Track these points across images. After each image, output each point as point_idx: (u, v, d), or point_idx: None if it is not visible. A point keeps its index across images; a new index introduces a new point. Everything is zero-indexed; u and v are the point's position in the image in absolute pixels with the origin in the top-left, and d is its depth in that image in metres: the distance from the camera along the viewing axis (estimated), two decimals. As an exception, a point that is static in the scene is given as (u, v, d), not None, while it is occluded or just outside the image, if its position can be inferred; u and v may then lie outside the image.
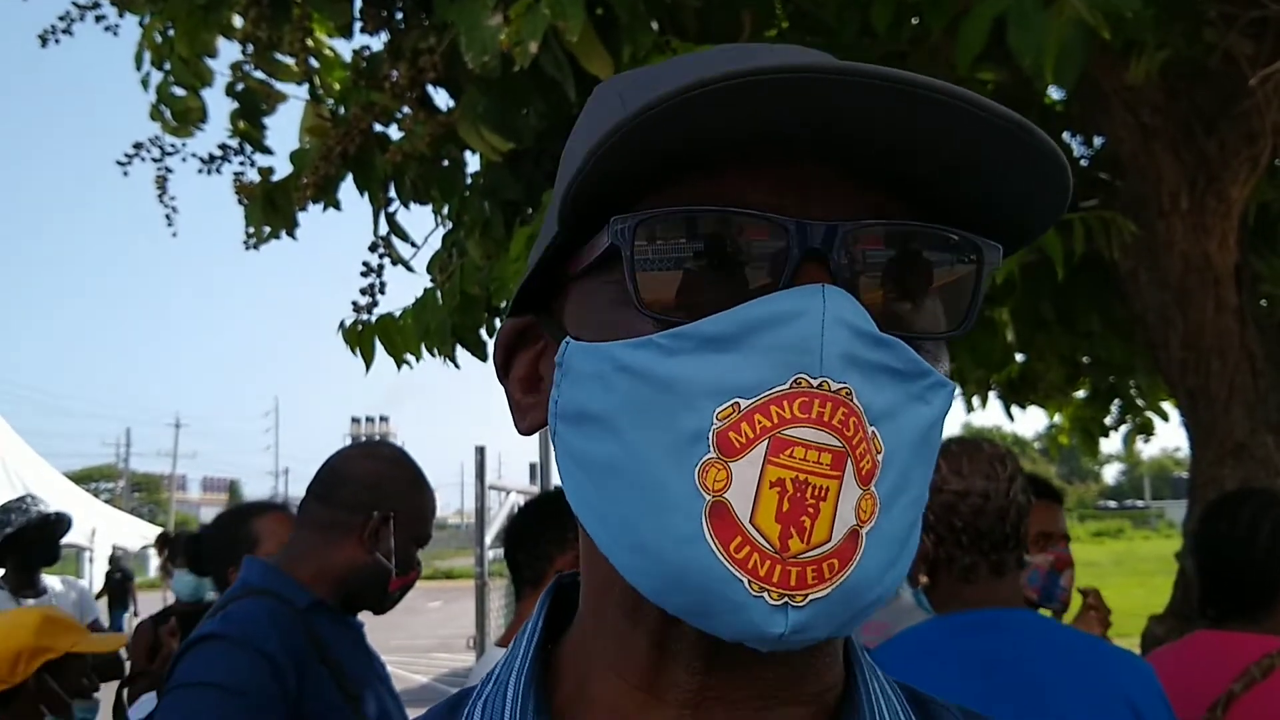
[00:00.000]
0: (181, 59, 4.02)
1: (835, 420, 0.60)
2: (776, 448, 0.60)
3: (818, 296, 0.61)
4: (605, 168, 0.64)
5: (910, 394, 0.65)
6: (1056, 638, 2.15)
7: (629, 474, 0.64)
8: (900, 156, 0.64)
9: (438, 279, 4.16)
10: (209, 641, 2.20)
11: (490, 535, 7.09)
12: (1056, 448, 8.03)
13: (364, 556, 2.44)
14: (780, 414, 0.60)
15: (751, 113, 0.60)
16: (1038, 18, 2.42)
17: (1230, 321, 4.08)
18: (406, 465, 2.58)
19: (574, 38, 2.54)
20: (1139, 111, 3.95)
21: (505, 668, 0.77)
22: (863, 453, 0.61)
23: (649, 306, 0.65)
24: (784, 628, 0.59)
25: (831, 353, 0.60)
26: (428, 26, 3.47)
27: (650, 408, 0.63)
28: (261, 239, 4.26)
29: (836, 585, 0.60)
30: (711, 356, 0.62)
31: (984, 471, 2.18)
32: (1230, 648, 2.48)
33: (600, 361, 0.67)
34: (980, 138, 0.61)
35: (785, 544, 0.59)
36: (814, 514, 0.59)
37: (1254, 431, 4.06)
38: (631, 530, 0.64)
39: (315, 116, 4.02)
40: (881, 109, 0.59)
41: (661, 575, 0.62)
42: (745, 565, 0.59)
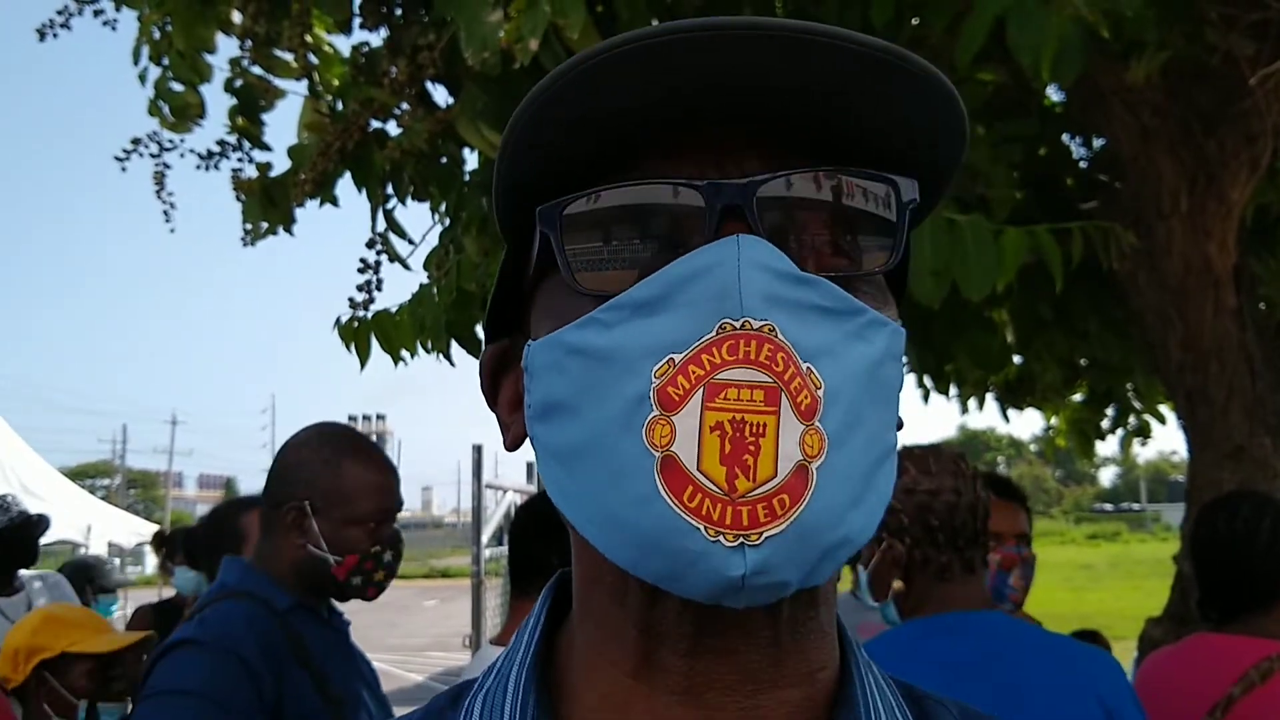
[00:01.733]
0: (180, 54, 4.01)
1: (762, 357, 0.62)
2: (711, 393, 0.61)
3: (732, 245, 0.63)
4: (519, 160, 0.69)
5: (846, 331, 0.66)
6: (1026, 638, 2.17)
7: (591, 450, 0.66)
8: (797, 107, 0.67)
9: (434, 276, 4.15)
10: (185, 647, 2.17)
11: (487, 534, 7.09)
12: (1053, 450, 8.03)
13: (299, 550, 2.39)
14: (710, 360, 0.62)
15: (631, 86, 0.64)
16: (1038, 16, 2.42)
17: (1229, 323, 4.08)
18: (322, 445, 2.48)
19: (574, 34, 2.53)
20: (1139, 113, 3.94)
21: (507, 661, 0.77)
22: (798, 387, 0.62)
23: (585, 285, 0.68)
24: (744, 568, 0.60)
25: (750, 293, 0.62)
26: (427, 23, 3.46)
27: (599, 382, 0.66)
28: (259, 235, 4.26)
29: (791, 520, 0.61)
30: (645, 321, 0.64)
31: (951, 470, 2.25)
32: (1229, 651, 2.48)
33: (553, 350, 0.69)
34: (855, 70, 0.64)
35: (732, 485, 0.60)
36: (755, 451, 0.61)
37: (1252, 434, 4.06)
38: (600, 504, 0.66)
39: (314, 112, 4.01)
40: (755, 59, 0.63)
41: (631, 542, 0.64)
42: (699, 512, 0.60)
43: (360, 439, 2.57)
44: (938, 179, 0.74)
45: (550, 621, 0.80)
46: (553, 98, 0.65)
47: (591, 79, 0.64)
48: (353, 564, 2.41)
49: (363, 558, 2.42)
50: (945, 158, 0.73)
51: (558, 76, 0.64)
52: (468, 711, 0.76)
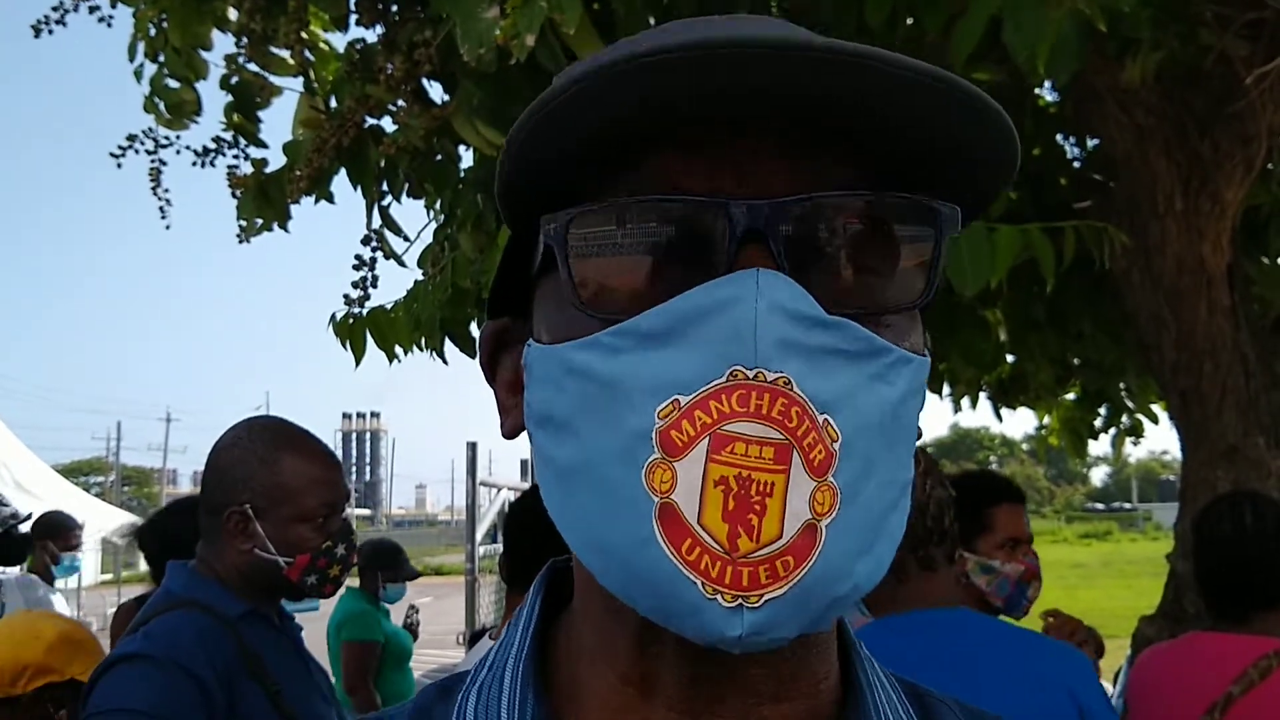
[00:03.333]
0: (175, 51, 4.00)
1: (775, 412, 0.58)
2: (717, 444, 0.58)
3: (750, 283, 0.59)
4: (520, 166, 0.65)
5: (867, 375, 0.62)
6: (994, 633, 2.17)
7: (587, 476, 0.63)
8: (834, 119, 0.62)
9: (430, 273, 4.15)
10: (130, 662, 2.06)
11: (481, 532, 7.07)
12: (1045, 449, 8.04)
13: (246, 555, 2.29)
14: (719, 409, 0.58)
15: (659, 95, 0.59)
16: (1034, 13, 2.43)
17: (1223, 323, 4.08)
18: (256, 442, 2.35)
19: (571, 30, 2.53)
20: (1133, 113, 3.95)
21: (500, 654, 0.76)
22: (812, 443, 0.58)
23: (590, 305, 0.64)
24: (740, 629, 0.57)
25: (766, 341, 0.58)
26: (423, 19, 3.46)
27: (598, 409, 0.62)
28: (254, 231, 4.25)
29: (793, 584, 0.58)
30: (651, 353, 0.61)
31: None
32: (1227, 650, 2.49)
33: (553, 364, 0.66)
34: (903, 97, 0.59)
35: (734, 544, 0.57)
36: (761, 511, 0.57)
37: (1246, 433, 4.06)
38: (594, 532, 0.63)
39: (309, 109, 4.01)
40: (796, 79, 0.58)
41: (624, 577, 0.61)
42: (697, 567, 0.57)
43: (296, 432, 2.43)
44: (977, 204, 0.70)
45: (544, 612, 0.78)
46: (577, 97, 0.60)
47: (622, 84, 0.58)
48: (304, 564, 2.31)
49: (314, 555, 2.32)
50: (994, 184, 0.68)
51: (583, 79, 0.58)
52: (461, 706, 0.74)
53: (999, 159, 0.65)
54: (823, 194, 0.63)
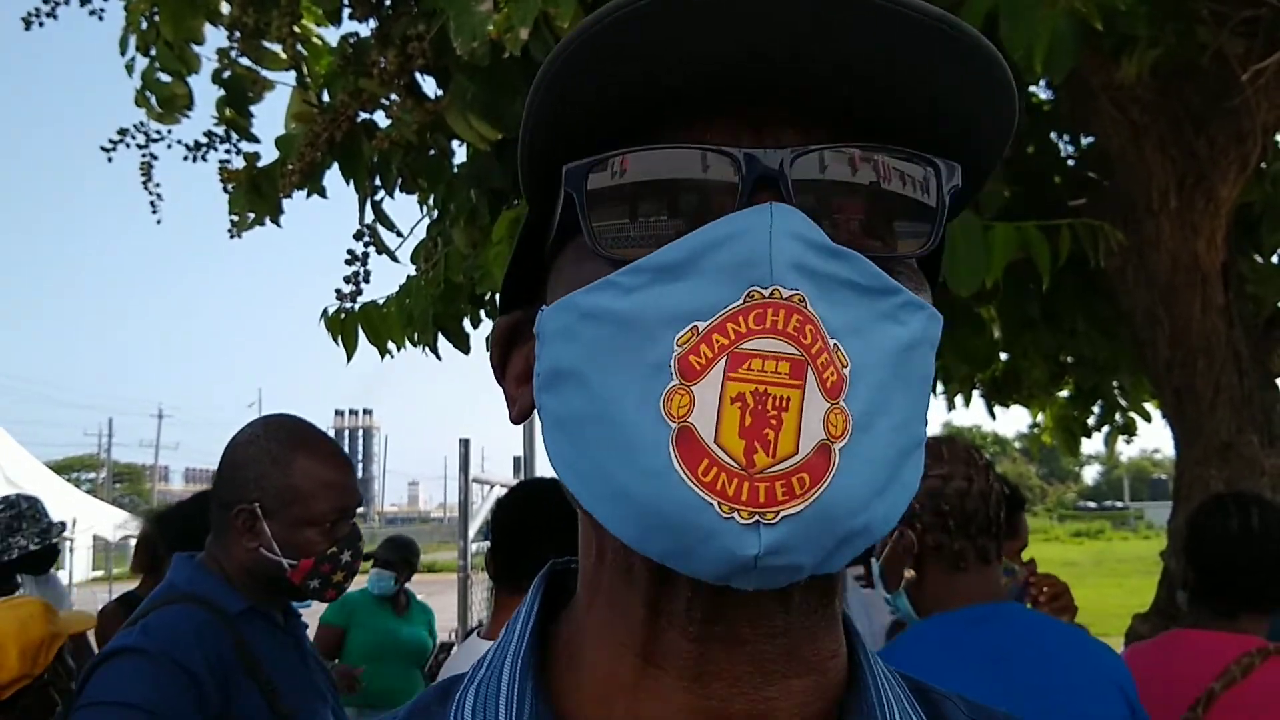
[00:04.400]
0: (167, 45, 3.99)
1: (790, 327, 0.59)
2: (734, 362, 0.58)
3: (764, 212, 0.61)
4: (546, 117, 0.66)
5: (877, 311, 0.63)
6: (1054, 630, 2.19)
7: (600, 420, 0.63)
8: (840, 83, 0.64)
9: (422, 268, 4.14)
10: (125, 656, 2.06)
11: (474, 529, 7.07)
12: (1037, 448, 8.05)
13: (251, 554, 2.29)
14: (736, 329, 0.59)
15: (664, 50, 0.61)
16: (1030, 11, 2.42)
17: (1217, 321, 4.09)
18: (270, 441, 2.34)
19: (565, 24, 2.52)
20: (1128, 110, 3.95)
21: (499, 652, 0.75)
22: (824, 363, 0.59)
23: (607, 248, 0.65)
24: (757, 548, 0.57)
25: (781, 261, 0.59)
26: (417, 13, 3.45)
27: (614, 348, 0.63)
28: (245, 226, 4.24)
29: (810, 502, 0.57)
30: (668, 286, 0.62)
31: (964, 458, 2.24)
32: (1211, 647, 2.50)
33: (566, 314, 0.67)
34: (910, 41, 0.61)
35: (750, 459, 0.57)
36: (777, 425, 0.58)
37: (1240, 431, 4.07)
38: (607, 477, 0.63)
39: (302, 103, 3.99)
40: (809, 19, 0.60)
41: (639, 518, 0.61)
42: (713, 487, 0.57)
43: (312, 433, 2.42)
44: (981, 166, 0.72)
45: (543, 612, 0.77)
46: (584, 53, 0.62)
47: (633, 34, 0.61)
48: (308, 568, 2.29)
49: (319, 560, 2.30)
50: (992, 144, 0.70)
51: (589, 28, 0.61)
52: (459, 706, 0.73)
53: (1000, 116, 0.67)
54: (829, 145, 0.65)
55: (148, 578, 5.04)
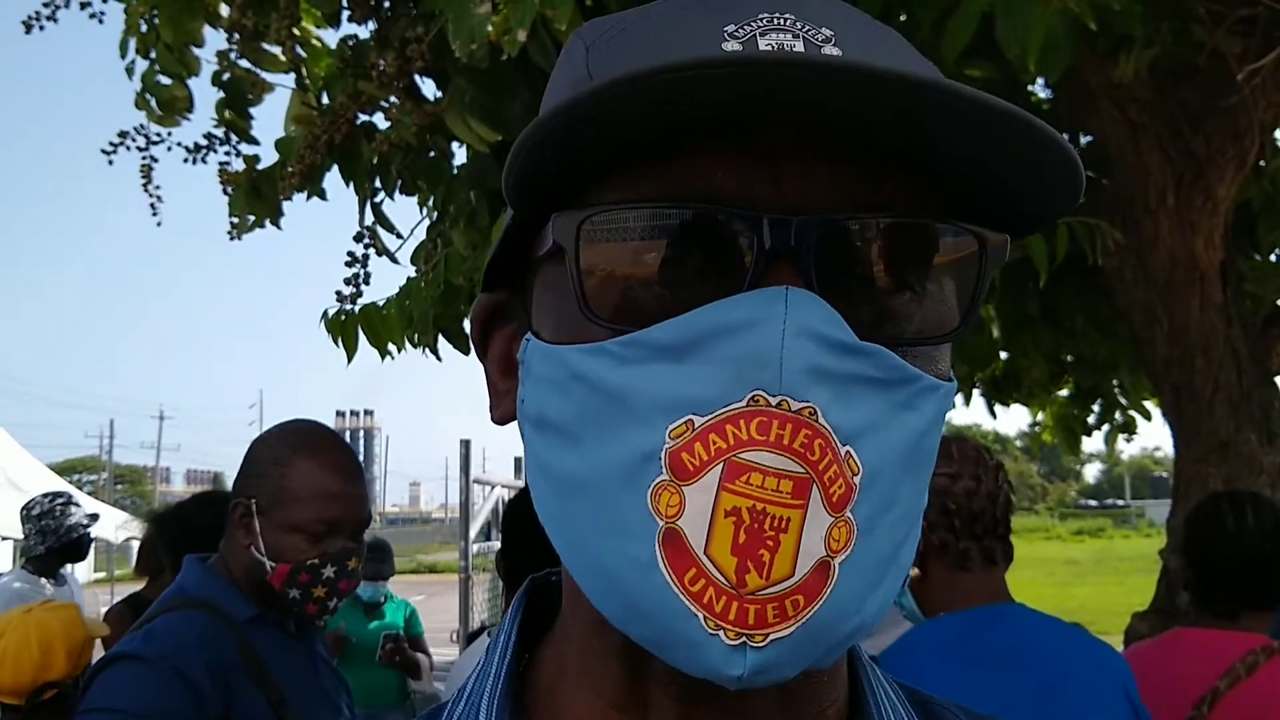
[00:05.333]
0: (167, 47, 3.99)
1: (797, 444, 0.53)
2: (732, 473, 0.54)
3: (779, 302, 0.55)
4: (535, 162, 0.59)
5: (894, 403, 0.58)
6: (1058, 631, 2.19)
7: (586, 490, 0.59)
8: (885, 139, 0.56)
9: (422, 269, 4.15)
10: (125, 662, 2.05)
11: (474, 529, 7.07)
12: (1039, 446, 8.05)
13: (243, 551, 2.25)
14: (736, 435, 0.54)
15: (708, 97, 0.54)
16: (1026, 10, 2.43)
17: (1215, 319, 4.09)
18: (279, 442, 2.30)
19: (563, 26, 2.52)
20: (1126, 109, 3.95)
21: (478, 684, 0.72)
22: (832, 477, 0.54)
23: (599, 312, 0.59)
24: (742, 669, 0.53)
25: (793, 367, 0.54)
26: (415, 15, 3.45)
27: (604, 421, 0.58)
28: (245, 228, 4.24)
29: (801, 623, 0.54)
30: (665, 366, 0.56)
31: (973, 458, 2.23)
32: (1214, 646, 2.49)
33: (556, 366, 0.62)
34: (974, 133, 0.55)
35: (742, 578, 0.53)
36: (774, 547, 0.53)
37: (1238, 429, 4.07)
38: (590, 550, 0.59)
39: (301, 105, 4.00)
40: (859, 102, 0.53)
41: (620, 601, 0.58)
42: (700, 600, 0.54)
43: (323, 440, 2.33)
44: (1028, 230, 0.65)
45: (526, 633, 0.74)
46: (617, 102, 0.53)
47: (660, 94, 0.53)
48: (284, 573, 2.21)
49: (295, 569, 2.21)
50: (1045, 217, 0.63)
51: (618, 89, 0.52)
52: None
53: (1059, 195, 0.60)
54: (862, 215, 0.58)
55: (153, 581, 5.05)
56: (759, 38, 0.59)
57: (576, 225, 0.59)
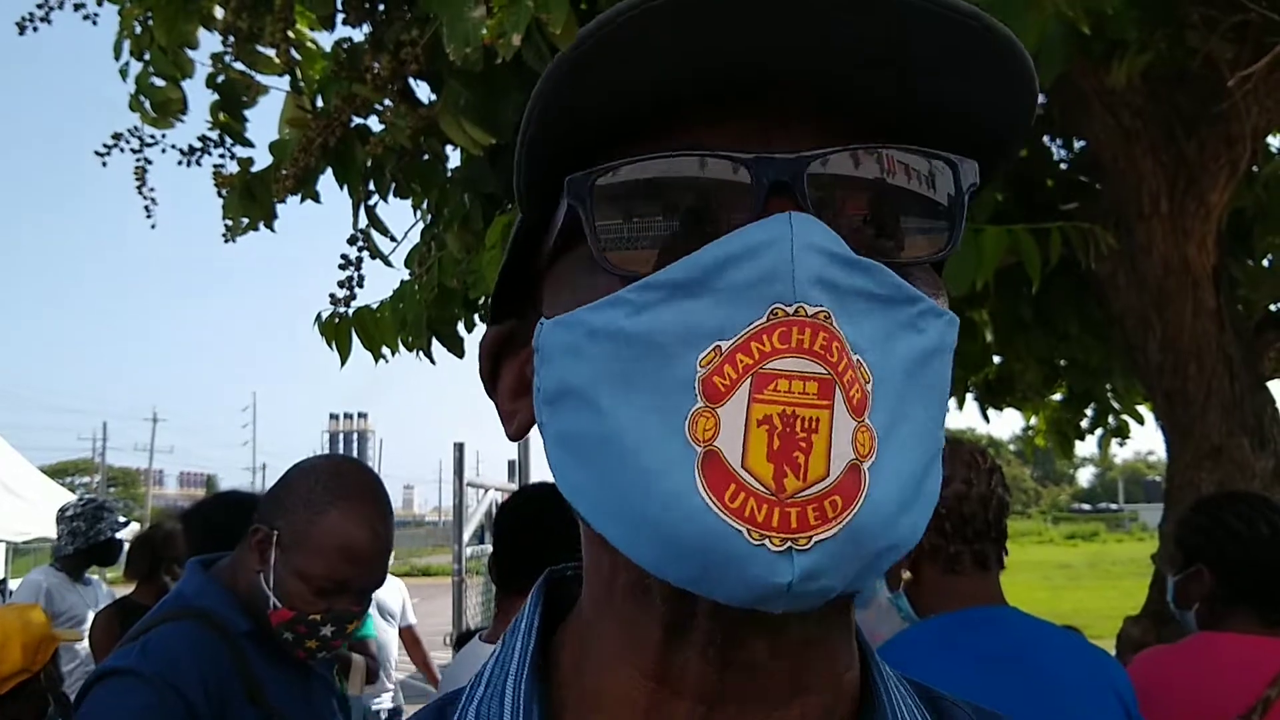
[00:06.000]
0: (161, 49, 3.99)
1: (817, 346, 0.56)
2: (760, 383, 0.56)
3: (784, 224, 0.58)
4: (547, 120, 0.62)
5: (897, 320, 0.61)
6: (1053, 634, 2.18)
7: (614, 442, 0.60)
8: (857, 76, 0.62)
9: (416, 272, 4.15)
10: (119, 677, 2.03)
11: (468, 532, 7.08)
12: (1031, 450, 8.06)
13: (252, 574, 2.21)
14: (760, 349, 0.56)
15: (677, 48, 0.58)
16: (1020, 15, 2.43)
17: (1208, 324, 4.10)
18: (318, 483, 2.23)
19: (557, 30, 2.52)
20: (1119, 114, 3.96)
21: (499, 668, 0.73)
22: (850, 379, 0.57)
23: (615, 263, 0.62)
24: (791, 575, 0.55)
25: (804, 277, 0.57)
26: (410, 18, 3.46)
27: (628, 368, 0.60)
28: (240, 230, 4.24)
29: (844, 525, 0.56)
30: (684, 303, 0.59)
31: (966, 461, 2.23)
32: (1256, 653, 2.44)
33: (571, 331, 0.64)
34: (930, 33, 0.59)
35: (780, 484, 0.55)
36: (807, 448, 0.55)
37: (1231, 434, 4.08)
38: (623, 501, 0.60)
39: (296, 108, 4.00)
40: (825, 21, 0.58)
41: (659, 543, 0.59)
42: (742, 514, 0.55)
43: (368, 495, 2.26)
44: (997, 159, 0.69)
45: (544, 624, 0.75)
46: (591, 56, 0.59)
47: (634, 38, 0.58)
48: (285, 618, 2.17)
49: (296, 619, 2.17)
50: (1011, 138, 0.68)
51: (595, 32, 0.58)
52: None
53: (1022, 104, 0.65)
54: (846, 147, 0.62)
55: (142, 584, 5.06)
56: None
57: (590, 182, 0.63)
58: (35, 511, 11.72)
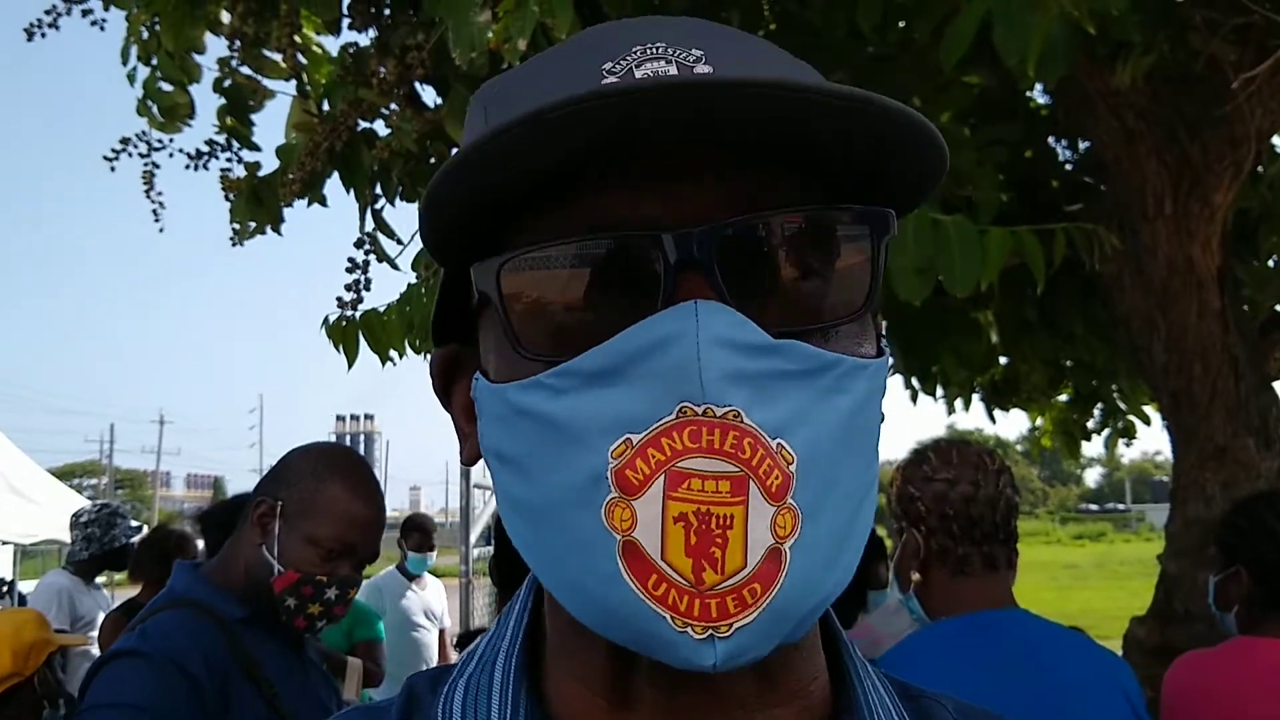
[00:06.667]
0: (168, 54, 4.00)
1: (727, 446, 0.57)
2: (674, 481, 0.57)
3: (690, 317, 0.58)
4: (441, 215, 0.63)
5: (819, 390, 0.61)
6: (1060, 636, 2.19)
7: (547, 515, 0.62)
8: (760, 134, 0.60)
9: (423, 275, 4.15)
10: (124, 659, 2.08)
11: (475, 534, 7.08)
12: (1039, 450, 8.05)
13: (253, 549, 2.29)
14: (672, 446, 0.58)
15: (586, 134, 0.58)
16: (1024, 17, 2.44)
17: (1213, 325, 4.10)
18: (320, 459, 2.36)
19: (563, 35, 2.53)
20: (1124, 116, 3.96)
21: (490, 647, 0.75)
22: (767, 470, 0.58)
23: (529, 347, 0.63)
24: (714, 659, 0.57)
25: (712, 376, 0.57)
26: (416, 23, 3.47)
27: (550, 450, 0.62)
28: (247, 234, 4.25)
29: (762, 609, 0.57)
30: (598, 392, 0.60)
31: (973, 462, 2.23)
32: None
33: (501, 404, 0.66)
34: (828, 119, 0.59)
35: (700, 577, 0.57)
36: (723, 543, 0.57)
37: (1236, 434, 4.07)
38: (561, 568, 0.63)
39: (302, 112, 4.01)
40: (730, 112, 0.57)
41: (596, 612, 0.61)
42: (665, 602, 0.57)
43: (362, 473, 2.39)
44: (911, 203, 0.70)
45: (537, 607, 0.77)
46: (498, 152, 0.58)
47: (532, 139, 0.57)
48: (291, 580, 2.25)
49: (303, 579, 2.25)
50: (920, 189, 0.68)
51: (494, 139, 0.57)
52: (446, 700, 0.73)
53: (927, 167, 0.65)
54: (752, 215, 0.62)
55: (149, 586, 5.08)
56: (634, 70, 0.64)
57: (495, 272, 0.64)
58: (43, 514, 11.75)
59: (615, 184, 0.62)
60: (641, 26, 0.69)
